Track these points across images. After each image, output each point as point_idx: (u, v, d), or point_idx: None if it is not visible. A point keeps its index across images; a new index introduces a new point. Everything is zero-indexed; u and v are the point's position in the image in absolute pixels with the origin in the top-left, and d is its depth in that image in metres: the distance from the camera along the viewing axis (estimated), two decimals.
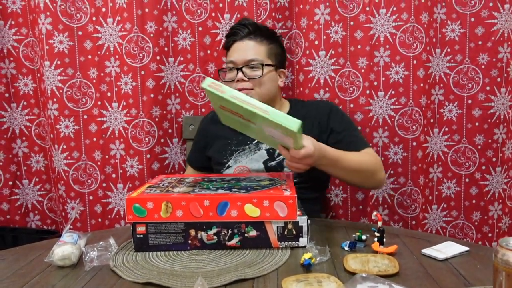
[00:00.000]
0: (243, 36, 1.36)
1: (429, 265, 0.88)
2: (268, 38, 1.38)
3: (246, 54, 1.33)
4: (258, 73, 1.33)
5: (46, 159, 1.73)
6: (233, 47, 1.37)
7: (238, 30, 1.37)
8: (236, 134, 1.36)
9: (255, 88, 1.33)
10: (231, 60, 1.35)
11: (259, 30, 1.38)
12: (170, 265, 0.90)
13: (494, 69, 1.54)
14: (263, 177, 1.17)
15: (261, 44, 1.36)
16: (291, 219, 0.96)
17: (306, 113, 1.38)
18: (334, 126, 1.34)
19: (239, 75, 1.32)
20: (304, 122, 1.19)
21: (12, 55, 1.66)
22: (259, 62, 1.33)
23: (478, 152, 1.59)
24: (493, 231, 1.61)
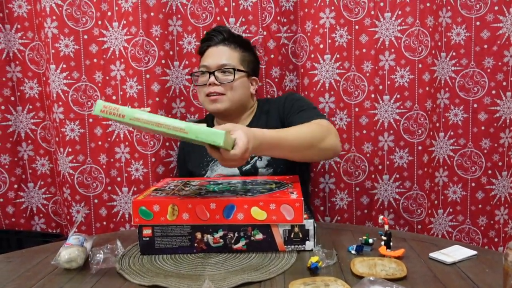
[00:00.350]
0: (218, 42, 1.39)
1: (437, 269, 0.87)
2: (242, 46, 1.41)
3: (220, 59, 1.35)
4: (230, 77, 1.34)
5: (51, 162, 1.73)
6: (207, 52, 1.40)
7: (213, 36, 1.40)
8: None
9: (226, 93, 1.34)
10: (204, 64, 1.37)
11: (233, 37, 1.41)
12: (177, 268, 0.90)
13: (500, 73, 1.54)
14: (269, 180, 1.17)
15: (235, 50, 1.39)
16: (298, 222, 0.95)
17: (269, 109, 1.42)
18: (287, 108, 1.35)
19: (211, 78, 1.33)
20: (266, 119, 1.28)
21: (18, 58, 1.67)
22: (231, 67, 1.35)
23: (484, 156, 1.58)
24: (499, 236, 1.61)
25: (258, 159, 1.34)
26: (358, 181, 1.64)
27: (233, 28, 1.61)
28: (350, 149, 1.63)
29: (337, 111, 1.60)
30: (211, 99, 1.35)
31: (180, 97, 1.67)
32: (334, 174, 1.63)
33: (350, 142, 1.62)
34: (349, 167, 1.63)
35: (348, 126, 1.61)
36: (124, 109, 0.81)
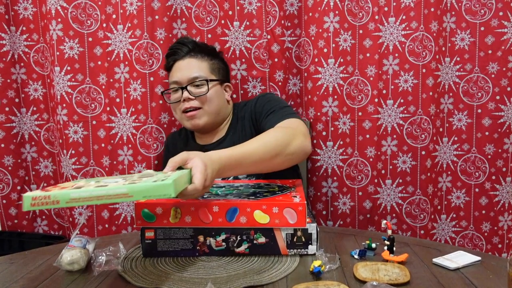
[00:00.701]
0: (184, 54, 1.35)
1: (440, 275, 0.87)
2: (209, 54, 1.38)
3: (190, 72, 1.32)
4: (204, 90, 1.31)
5: (55, 164, 1.73)
6: (174, 67, 1.36)
7: (177, 49, 1.36)
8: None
9: (203, 107, 1.32)
10: (175, 80, 1.34)
11: (199, 47, 1.37)
12: (179, 271, 0.90)
13: (504, 78, 1.53)
14: (272, 184, 1.16)
15: (203, 60, 1.35)
16: (301, 226, 0.95)
17: (244, 115, 1.38)
18: (258, 113, 1.31)
19: (185, 94, 1.30)
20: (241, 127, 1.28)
21: (23, 60, 1.68)
22: (203, 78, 1.32)
23: (488, 161, 1.58)
24: (503, 242, 1.60)
25: None
26: (361, 186, 1.63)
27: (237, 31, 1.61)
28: (353, 153, 1.62)
29: (340, 115, 1.60)
30: (188, 116, 1.32)
31: None
32: (337, 178, 1.63)
33: (353, 146, 1.62)
34: (352, 171, 1.63)
35: (351, 130, 1.61)
36: (56, 194, 0.70)
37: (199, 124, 1.33)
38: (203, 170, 0.84)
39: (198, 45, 1.39)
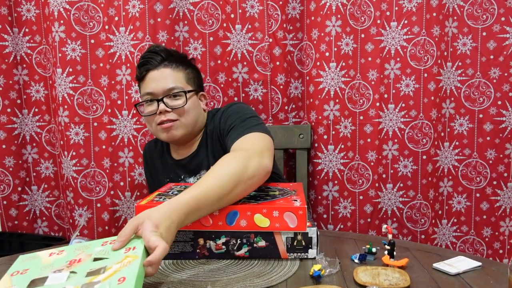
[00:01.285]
0: (157, 64, 1.26)
1: (440, 280, 0.86)
2: (183, 63, 1.30)
3: (165, 83, 1.23)
4: (181, 102, 1.24)
5: (56, 165, 1.73)
6: (148, 77, 1.26)
7: (150, 58, 1.26)
8: (167, 172, 1.37)
9: (180, 119, 1.24)
10: (149, 92, 1.24)
11: (172, 56, 1.29)
12: (179, 274, 0.89)
13: (506, 84, 1.53)
14: (273, 187, 1.16)
15: (178, 70, 1.27)
16: (301, 230, 0.95)
17: (213, 127, 1.31)
18: (222, 130, 1.25)
19: (161, 106, 1.21)
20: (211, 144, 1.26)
21: (25, 62, 1.68)
22: (179, 89, 1.24)
23: (489, 167, 1.57)
24: (504, 248, 1.59)
25: None
26: (362, 190, 1.63)
27: (239, 34, 1.62)
28: (354, 157, 1.62)
29: (341, 119, 1.60)
30: (164, 127, 1.23)
31: None
32: (338, 182, 1.62)
33: (354, 150, 1.62)
34: (353, 175, 1.63)
35: (353, 134, 1.61)
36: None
37: (175, 135, 1.25)
38: (154, 238, 0.76)
39: (171, 54, 1.29)
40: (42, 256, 0.79)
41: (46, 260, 0.77)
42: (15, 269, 0.76)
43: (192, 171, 1.33)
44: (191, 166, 1.33)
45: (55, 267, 0.75)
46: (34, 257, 0.79)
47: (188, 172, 1.34)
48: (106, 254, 0.76)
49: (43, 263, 0.77)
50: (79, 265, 0.74)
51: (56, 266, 0.75)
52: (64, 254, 0.79)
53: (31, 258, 0.79)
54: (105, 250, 0.77)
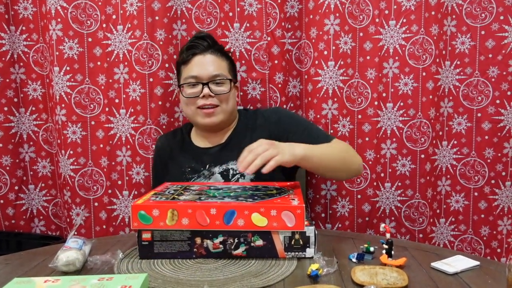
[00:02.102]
0: (204, 49, 1.32)
1: (438, 279, 0.86)
2: (224, 53, 1.37)
3: (211, 69, 1.30)
4: (225, 88, 1.30)
5: (53, 164, 1.73)
6: (193, 61, 1.32)
7: (198, 43, 1.33)
8: (188, 161, 1.35)
9: (221, 105, 1.30)
10: (193, 75, 1.30)
11: (217, 45, 1.36)
12: (175, 273, 0.89)
13: (505, 83, 1.53)
14: (270, 186, 1.16)
15: (222, 59, 1.34)
16: (299, 229, 0.95)
17: (255, 126, 1.35)
18: (291, 128, 1.30)
19: (206, 90, 1.27)
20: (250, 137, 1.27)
21: (22, 60, 1.67)
22: (224, 77, 1.31)
23: (488, 166, 1.57)
24: (502, 247, 1.59)
25: (241, 177, 1.29)
26: (360, 189, 1.63)
27: (237, 33, 1.61)
28: None
29: (340, 118, 1.60)
30: (205, 113, 1.29)
31: None
32: (336, 181, 1.62)
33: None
34: None
35: (351, 133, 1.61)
36: None
37: (215, 121, 1.31)
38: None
39: (216, 43, 1.37)
40: (36, 282, 0.79)
41: (40, 286, 0.78)
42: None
43: (220, 161, 1.33)
44: (220, 155, 1.34)
45: None
46: (28, 281, 0.80)
47: (215, 160, 1.33)
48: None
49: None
50: None
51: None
52: (59, 283, 0.79)
53: (26, 282, 0.80)
54: (100, 284, 0.78)
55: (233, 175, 1.30)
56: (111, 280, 0.79)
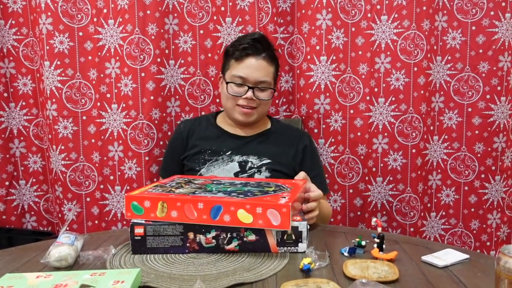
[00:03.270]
0: (258, 53, 1.33)
1: (429, 272, 0.87)
2: (274, 59, 1.39)
3: (259, 75, 1.32)
4: (266, 95, 1.35)
5: (44, 159, 1.71)
6: (246, 61, 1.33)
7: (253, 45, 1.33)
8: (210, 143, 1.38)
9: (258, 108, 1.35)
10: (242, 76, 1.32)
11: (270, 50, 1.37)
12: (168, 268, 0.89)
13: (495, 78, 1.55)
14: (271, 183, 1.14)
15: (271, 65, 1.36)
16: (284, 228, 0.92)
17: (284, 135, 1.42)
18: (307, 161, 1.38)
19: (249, 94, 1.31)
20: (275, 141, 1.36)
21: (12, 54, 1.65)
22: (268, 85, 1.35)
23: (478, 160, 1.59)
24: (491, 240, 1.61)
25: (257, 172, 1.33)
26: (352, 183, 1.64)
27: (229, 27, 1.61)
28: (345, 151, 1.63)
29: (332, 113, 1.60)
30: (244, 111, 1.34)
31: (175, 96, 1.66)
32: (328, 175, 1.63)
33: (345, 144, 1.62)
34: (343, 169, 1.63)
35: (343, 128, 1.61)
36: None
37: (250, 121, 1.37)
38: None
39: (270, 47, 1.37)
40: (28, 277, 0.79)
41: (32, 282, 0.78)
42: (0, 284, 0.76)
43: (242, 151, 1.36)
44: (244, 147, 1.37)
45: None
46: (20, 277, 0.80)
47: (237, 149, 1.37)
48: (93, 283, 0.76)
49: (29, 283, 0.77)
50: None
51: (41, 287, 0.75)
52: (51, 278, 0.79)
53: (18, 277, 0.80)
54: (93, 279, 0.78)
55: (250, 168, 1.33)
56: (104, 275, 0.79)
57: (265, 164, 1.34)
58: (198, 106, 1.68)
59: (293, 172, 1.34)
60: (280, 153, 1.37)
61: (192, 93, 1.67)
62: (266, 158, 1.35)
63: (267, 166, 1.34)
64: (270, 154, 1.36)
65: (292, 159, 1.37)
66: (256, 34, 1.38)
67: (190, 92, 1.67)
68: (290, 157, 1.37)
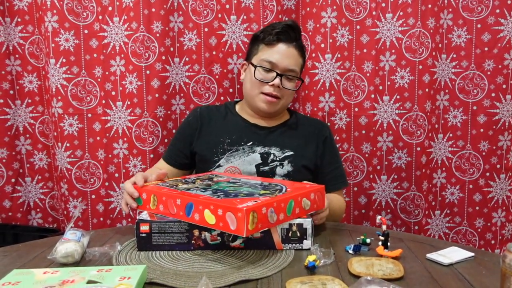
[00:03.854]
0: (290, 40, 1.31)
1: (434, 270, 0.87)
2: (303, 50, 1.37)
3: (290, 62, 1.29)
4: (293, 85, 1.32)
5: (49, 157, 1.72)
6: (277, 47, 1.30)
7: (287, 31, 1.30)
8: (230, 132, 1.34)
9: (283, 98, 1.32)
10: (272, 61, 1.28)
11: (300, 41, 1.36)
12: (174, 265, 0.90)
13: (500, 76, 1.54)
14: (279, 185, 1.09)
15: (300, 56, 1.34)
16: (239, 234, 0.84)
17: (305, 126, 1.39)
18: (327, 154, 1.36)
19: (277, 81, 1.27)
20: (293, 133, 1.32)
21: (18, 52, 1.66)
22: (297, 75, 1.32)
23: (482, 158, 1.58)
24: (496, 238, 1.61)
25: (279, 165, 1.31)
26: (356, 181, 1.64)
27: (234, 25, 1.61)
28: (349, 149, 1.63)
29: (337, 111, 1.60)
30: (268, 100, 1.29)
31: (180, 93, 1.67)
32: None
33: (349, 142, 1.62)
34: (348, 166, 1.63)
35: (348, 126, 1.61)
36: None
37: (272, 111, 1.33)
38: None
39: (300, 38, 1.36)
40: (36, 273, 0.80)
41: (39, 277, 0.79)
42: (7, 280, 0.77)
43: (264, 142, 1.33)
44: (266, 138, 1.35)
45: (47, 283, 0.76)
46: (28, 273, 0.81)
47: (259, 140, 1.34)
48: (100, 279, 0.77)
49: (36, 279, 0.78)
50: (71, 285, 0.75)
51: (49, 283, 0.76)
52: (58, 274, 0.80)
53: (25, 273, 0.81)
54: (99, 275, 0.78)
55: (272, 161, 1.31)
56: (110, 271, 0.80)
57: (287, 156, 1.31)
58: (203, 104, 1.68)
59: (314, 166, 1.33)
60: (302, 145, 1.34)
61: (197, 91, 1.67)
62: (288, 150, 1.32)
63: (290, 159, 1.31)
64: (292, 146, 1.33)
65: (314, 152, 1.35)
66: (290, 21, 1.35)
67: (195, 90, 1.67)
68: (312, 149, 1.35)
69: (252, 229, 0.85)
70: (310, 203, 1.02)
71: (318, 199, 1.05)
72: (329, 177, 1.35)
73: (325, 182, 1.21)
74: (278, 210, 0.92)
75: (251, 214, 0.84)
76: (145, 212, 1.03)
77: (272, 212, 0.90)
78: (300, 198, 0.99)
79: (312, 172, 1.33)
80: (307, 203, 1.01)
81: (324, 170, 1.35)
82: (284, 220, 0.94)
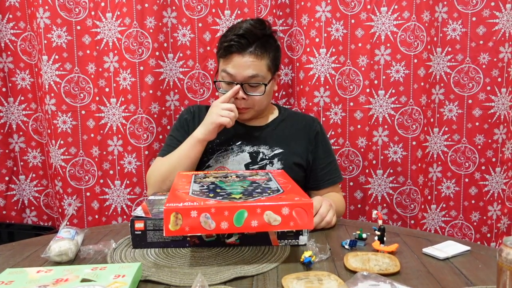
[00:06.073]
0: (243, 49, 1.22)
1: (430, 264, 0.87)
2: (268, 47, 1.26)
3: (247, 71, 1.23)
4: (260, 90, 1.26)
5: (43, 154, 1.71)
6: (231, 59, 1.24)
7: (238, 41, 1.22)
8: (218, 133, 1.30)
9: (253, 107, 1.28)
10: (230, 72, 1.23)
11: (258, 40, 1.24)
12: (169, 262, 0.89)
13: (495, 69, 1.54)
14: (274, 188, 1.01)
15: (262, 57, 1.24)
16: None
17: (294, 122, 1.36)
18: (320, 150, 1.34)
19: (240, 94, 1.24)
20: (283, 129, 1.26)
21: (10, 49, 1.64)
22: (260, 80, 1.24)
23: (478, 152, 1.58)
24: (492, 232, 1.61)
25: (269, 164, 1.29)
26: (352, 176, 1.64)
27: (228, 20, 1.60)
28: (345, 144, 1.62)
29: (332, 105, 1.60)
30: (238, 110, 1.26)
31: (174, 89, 1.65)
32: None
33: (345, 136, 1.62)
34: (343, 161, 1.63)
35: (343, 120, 1.61)
36: None
37: (245, 118, 1.32)
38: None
39: (258, 38, 1.24)
40: (29, 272, 0.79)
41: (32, 276, 0.78)
42: (0, 279, 0.76)
43: (252, 141, 1.32)
44: (254, 137, 1.33)
45: (41, 282, 0.75)
46: (21, 272, 0.80)
47: (247, 139, 1.32)
48: (94, 277, 0.76)
49: (29, 278, 0.77)
50: (65, 284, 0.74)
51: (42, 282, 0.75)
52: (52, 272, 0.79)
53: (18, 272, 0.80)
54: (94, 274, 0.77)
55: (262, 159, 1.30)
56: (105, 269, 0.79)
57: (277, 154, 1.30)
58: (197, 100, 1.67)
59: (305, 162, 1.32)
60: (292, 142, 1.32)
61: (191, 87, 1.66)
62: (278, 148, 1.30)
63: (279, 156, 1.30)
64: (282, 143, 1.31)
65: (306, 148, 1.33)
66: (242, 29, 1.24)
67: (189, 86, 1.66)
68: (303, 145, 1.33)
69: (175, 230, 0.82)
70: (280, 219, 0.84)
71: (300, 217, 0.85)
72: (324, 172, 1.34)
73: (320, 177, 1.21)
74: (217, 218, 0.83)
75: (172, 215, 0.82)
76: (139, 209, 1.02)
77: (208, 218, 0.83)
78: (260, 210, 0.84)
79: (305, 169, 1.33)
80: (275, 218, 0.84)
81: (318, 165, 1.34)
82: (229, 230, 0.83)
